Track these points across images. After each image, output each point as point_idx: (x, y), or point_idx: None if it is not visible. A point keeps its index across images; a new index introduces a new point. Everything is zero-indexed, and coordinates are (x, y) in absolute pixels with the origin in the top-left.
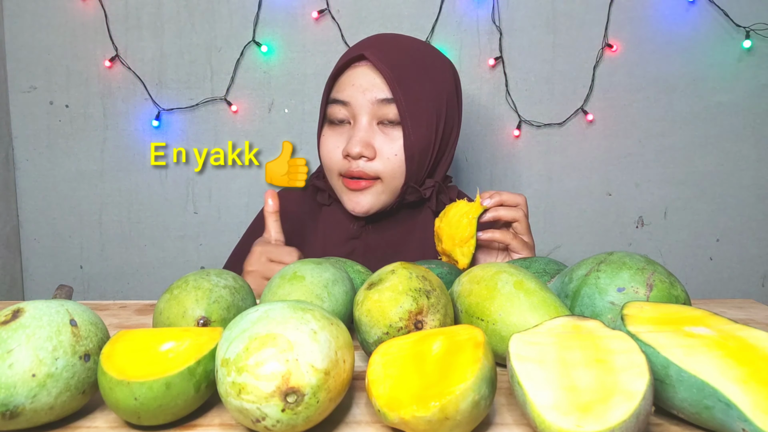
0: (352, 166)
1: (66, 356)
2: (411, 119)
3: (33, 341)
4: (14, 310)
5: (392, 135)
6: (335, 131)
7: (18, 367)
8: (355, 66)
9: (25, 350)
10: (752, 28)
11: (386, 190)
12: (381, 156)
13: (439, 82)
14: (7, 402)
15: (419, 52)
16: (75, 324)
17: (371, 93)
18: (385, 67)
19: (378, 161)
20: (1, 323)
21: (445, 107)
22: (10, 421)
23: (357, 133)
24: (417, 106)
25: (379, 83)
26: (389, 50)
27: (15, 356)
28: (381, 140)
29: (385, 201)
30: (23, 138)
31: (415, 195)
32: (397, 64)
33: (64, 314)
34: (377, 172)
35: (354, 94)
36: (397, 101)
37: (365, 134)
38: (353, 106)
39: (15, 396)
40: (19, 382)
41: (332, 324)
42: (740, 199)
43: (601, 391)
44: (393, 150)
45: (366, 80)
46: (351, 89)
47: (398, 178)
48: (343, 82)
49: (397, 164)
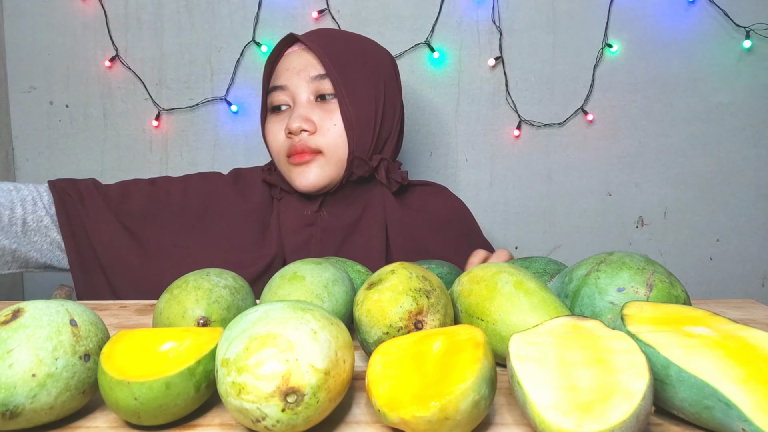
0: (295, 141)
1: (66, 356)
2: (346, 91)
3: (33, 341)
4: (14, 310)
5: (329, 108)
6: (278, 117)
7: (18, 367)
8: (288, 53)
9: (25, 350)
10: (752, 28)
11: (329, 163)
12: (321, 129)
13: (374, 63)
14: (7, 402)
15: (354, 38)
16: (75, 324)
17: (305, 72)
18: (315, 46)
19: (318, 134)
20: (1, 323)
21: (383, 87)
22: (10, 421)
23: (295, 111)
24: (351, 79)
25: (313, 61)
26: (320, 34)
27: (15, 356)
28: (319, 114)
29: (331, 174)
30: (23, 138)
31: (364, 168)
32: (327, 43)
33: (64, 314)
34: (319, 144)
35: (290, 77)
36: (330, 74)
37: (304, 110)
38: (291, 89)
39: (15, 396)
40: (19, 382)
41: (332, 324)
42: (740, 199)
43: (601, 391)
44: (332, 121)
45: (299, 62)
46: (287, 73)
47: (341, 149)
48: (279, 69)
49: (338, 134)
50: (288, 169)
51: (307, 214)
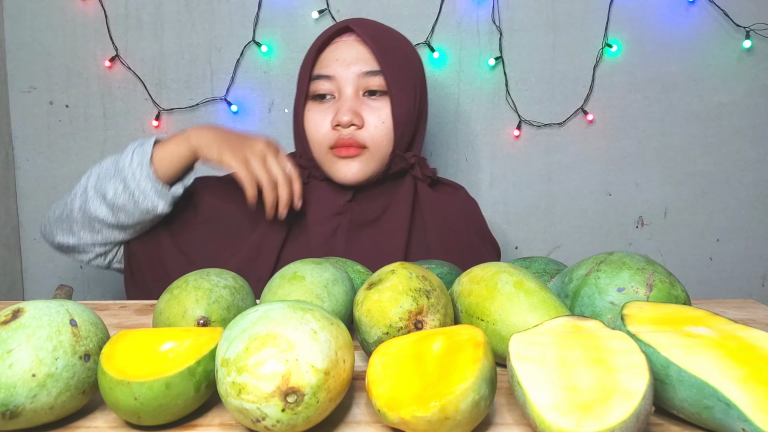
0: (342, 134)
1: (66, 356)
2: (396, 89)
3: (33, 341)
4: (14, 310)
5: (376, 105)
6: (321, 107)
7: (18, 367)
8: (337, 41)
9: (25, 350)
10: (752, 28)
11: (374, 158)
12: (368, 125)
13: (412, 59)
14: (7, 402)
15: (394, 32)
16: (75, 324)
17: (356, 66)
18: (370, 40)
19: (365, 130)
20: (1, 323)
21: (419, 83)
22: (10, 421)
23: (345, 103)
24: (401, 77)
25: (365, 56)
26: (371, 26)
27: (15, 356)
28: (367, 110)
29: (374, 169)
30: (23, 138)
31: (401, 163)
32: (380, 38)
33: (64, 314)
34: (365, 140)
35: (338, 68)
36: (384, 72)
37: (353, 104)
38: (338, 80)
39: (15, 396)
40: (19, 382)
41: (332, 324)
42: (740, 199)
43: (601, 391)
44: (380, 118)
45: (350, 54)
46: (335, 64)
47: (385, 146)
48: (327, 57)
49: (384, 132)
50: (329, 160)
51: (339, 203)
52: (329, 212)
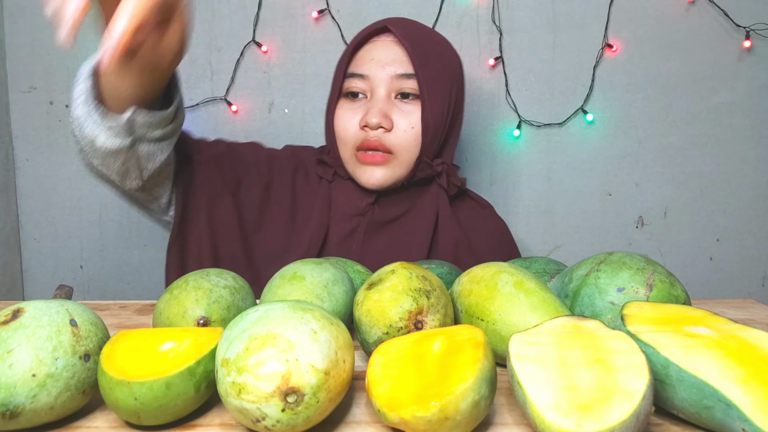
0: (369, 135)
1: (66, 356)
2: (429, 94)
3: (33, 341)
4: (14, 310)
5: (408, 109)
6: (352, 105)
7: (18, 367)
8: (374, 40)
9: (25, 350)
10: (752, 28)
11: (400, 164)
12: (397, 129)
13: (450, 63)
14: (7, 402)
15: (434, 34)
16: (75, 324)
17: (391, 67)
18: (407, 42)
19: (393, 134)
20: (1, 323)
21: (455, 88)
22: (10, 421)
23: (375, 104)
24: (435, 82)
25: (401, 58)
26: (410, 27)
27: (15, 356)
28: (397, 113)
29: (399, 175)
30: (23, 138)
31: (427, 170)
32: (417, 40)
33: (64, 314)
34: (392, 143)
35: (373, 68)
36: (418, 76)
37: (384, 105)
38: (372, 80)
39: (15, 396)
40: (19, 382)
41: (332, 324)
42: (740, 199)
43: (601, 391)
44: (410, 123)
45: (386, 54)
46: (370, 63)
47: (412, 152)
48: (362, 56)
49: (413, 137)
50: (354, 162)
51: (361, 205)
52: (351, 212)
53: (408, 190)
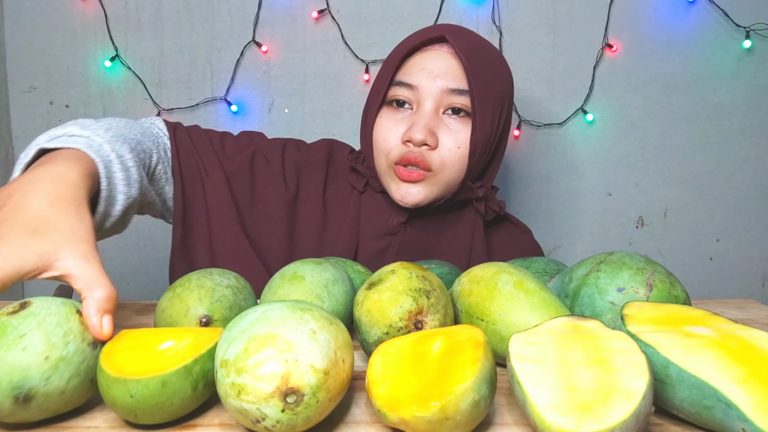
0: (412, 150)
1: (77, 341)
2: (481, 113)
3: (44, 327)
4: (21, 303)
5: (456, 126)
6: (395, 115)
7: (31, 350)
8: (427, 49)
9: (37, 334)
10: (752, 28)
11: (439, 184)
12: (442, 146)
13: (503, 81)
14: (21, 385)
15: (489, 48)
16: (81, 314)
17: (443, 80)
18: (464, 55)
19: (437, 152)
20: (10, 313)
21: (507, 109)
22: (22, 406)
23: (421, 119)
24: (489, 100)
25: (455, 71)
26: (468, 38)
27: (28, 340)
28: (444, 130)
29: (437, 195)
30: (23, 138)
31: (467, 194)
32: (474, 54)
33: (69, 305)
34: (434, 162)
35: (423, 78)
36: (472, 93)
37: (430, 121)
38: (420, 91)
39: (29, 378)
40: (32, 365)
41: (331, 324)
42: (740, 199)
43: (601, 391)
44: (456, 142)
45: (439, 66)
46: (421, 73)
47: (455, 173)
48: (413, 64)
49: (457, 157)
50: (390, 176)
51: (392, 223)
52: (381, 230)
53: (442, 213)
